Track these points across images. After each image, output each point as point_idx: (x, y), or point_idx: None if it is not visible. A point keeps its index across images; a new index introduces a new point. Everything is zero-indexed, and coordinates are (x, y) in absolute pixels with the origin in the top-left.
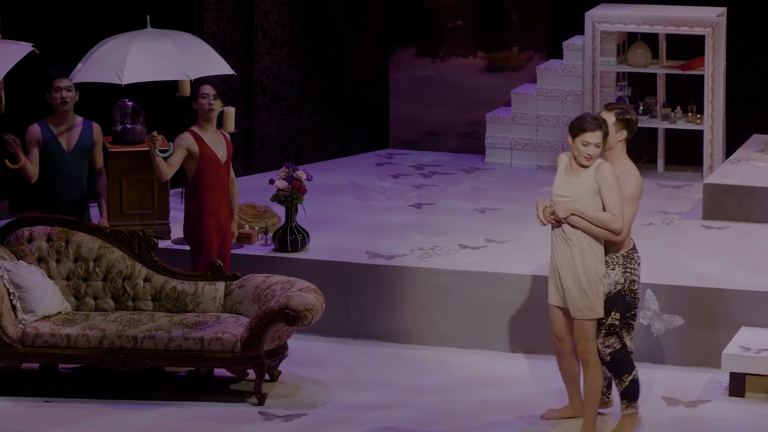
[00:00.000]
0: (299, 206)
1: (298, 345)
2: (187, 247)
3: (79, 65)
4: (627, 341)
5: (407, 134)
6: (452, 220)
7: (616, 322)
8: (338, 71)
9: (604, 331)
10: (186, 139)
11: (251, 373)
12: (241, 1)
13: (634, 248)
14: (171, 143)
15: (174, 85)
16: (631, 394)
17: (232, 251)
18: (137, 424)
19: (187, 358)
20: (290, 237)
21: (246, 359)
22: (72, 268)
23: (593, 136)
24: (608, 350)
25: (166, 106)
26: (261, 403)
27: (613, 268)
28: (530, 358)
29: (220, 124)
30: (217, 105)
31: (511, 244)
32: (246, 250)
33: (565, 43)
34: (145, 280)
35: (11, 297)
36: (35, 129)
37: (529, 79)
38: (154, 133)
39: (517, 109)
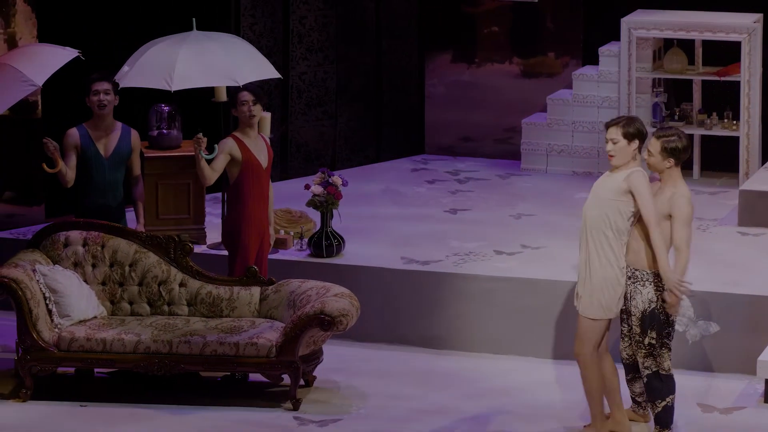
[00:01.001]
0: (334, 211)
1: (333, 350)
2: (222, 252)
3: (125, 68)
4: (665, 363)
5: (443, 140)
6: (487, 226)
7: (653, 342)
8: (374, 77)
9: (643, 351)
10: (229, 144)
11: (286, 378)
12: (278, 6)
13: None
14: (216, 145)
15: (210, 90)
16: (662, 421)
17: (269, 256)
18: (172, 429)
19: (222, 363)
20: (325, 242)
21: (281, 364)
22: (108, 272)
23: (611, 132)
24: (645, 371)
25: (202, 111)
26: (296, 408)
27: (644, 285)
28: (565, 364)
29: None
30: (258, 110)
31: (546, 251)
32: (281, 255)
33: (601, 49)
34: (181, 284)
35: (47, 301)
36: (73, 133)
37: (565, 85)
38: (200, 134)
39: (553, 115)
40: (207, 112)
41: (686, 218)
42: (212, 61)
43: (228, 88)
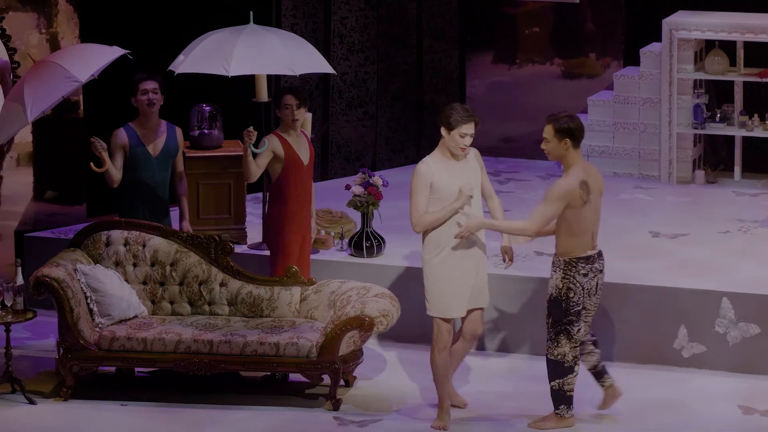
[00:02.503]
0: (375, 212)
1: (374, 350)
2: (263, 252)
3: (181, 57)
4: (558, 350)
5: (483, 140)
6: None
7: (548, 326)
8: (415, 77)
9: (546, 333)
10: (272, 142)
11: (326, 379)
12: (319, 7)
13: (585, 258)
14: (265, 140)
15: (251, 90)
16: (552, 399)
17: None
18: (213, 428)
19: (262, 363)
20: (366, 243)
21: (321, 364)
22: (149, 272)
23: (469, 128)
24: (546, 351)
25: (244, 111)
26: (336, 408)
27: (555, 271)
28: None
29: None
30: (301, 113)
31: None
32: (322, 255)
33: (643, 50)
34: (221, 284)
35: (88, 301)
36: (121, 134)
37: (606, 86)
38: (250, 128)
39: (594, 116)
40: (248, 112)
41: (550, 195)
42: (270, 50)
43: (272, 89)
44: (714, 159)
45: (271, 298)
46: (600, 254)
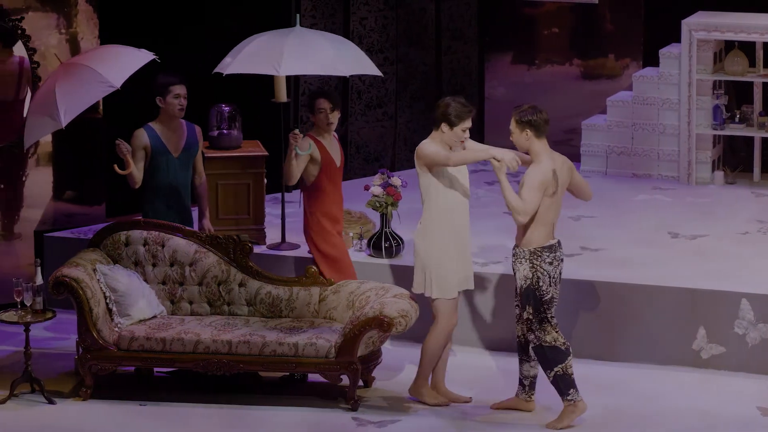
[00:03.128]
0: (394, 212)
1: (392, 351)
2: (281, 252)
3: (228, 59)
4: (548, 336)
5: (503, 141)
6: None
7: (530, 317)
8: (434, 78)
9: (525, 326)
10: (292, 132)
11: (345, 379)
12: (338, 7)
13: (549, 248)
14: (312, 143)
15: (270, 90)
16: (557, 388)
17: (288, 253)
18: (232, 428)
19: (281, 363)
20: (384, 243)
21: (340, 365)
22: (168, 272)
23: (469, 122)
24: (531, 345)
25: (263, 111)
26: (354, 408)
27: (522, 263)
28: (621, 366)
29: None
30: (335, 117)
31: (605, 253)
32: None
33: (662, 51)
34: (240, 285)
35: (107, 301)
36: (142, 134)
37: (625, 87)
38: (296, 130)
39: (613, 116)
40: (267, 113)
41: (531, 183)
42: (319, 50)
43: (290, 90)
44: (733, 160)
45: (290, 299)
46: (559, 243)
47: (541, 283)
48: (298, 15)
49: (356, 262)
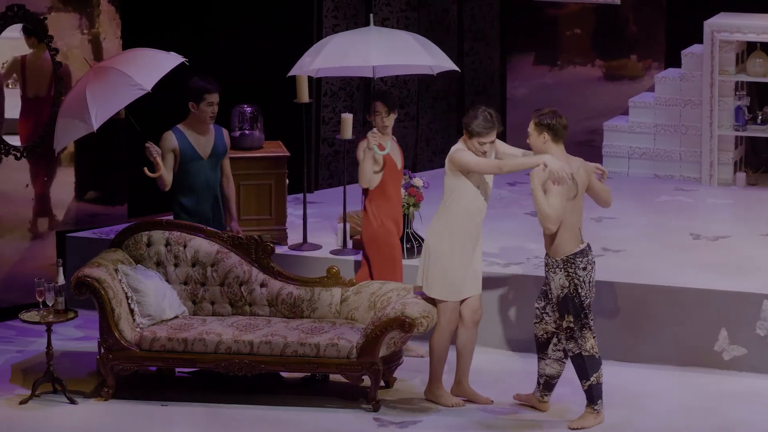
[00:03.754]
0: (416, 213)
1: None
2: (303, 253)
3: (306, 59)
4: (587, 344)
5: (524, 142)
6: None
7: (572, 325)
8: (456, 79)
9: (564, 335)
10: (370, 132)
11: (366, 380)
12: (360, 7)
13: (580, 253)
14: (390, 142)
15: (292, 91)
16: (589, 397)
17: (348, 257)
18: (253, 429)
19: (302, 363)
20: (406, 244)
21: (361, 365)
22: (190, 272)
23: (490, 137)
24: (570, 353)
25: (285, 112)
26: (376, 409)
27: (556, 272)
28: (643, 367)
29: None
30: (390, 120)
31: (627, 254)
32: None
33: (684, 52)
34: (262, 285)
35: (129, 301)
36: (171, 137)
37: (647, 88)
38: (374, 130)
39: (635, 117)
40: (289, 114)
41: (551, 189)
42: (405, 46)
43: (312, 90)
44: (755, 161)
45: (311, 299)
46: (589, 246)
47: (579, 290)
48: (371, 15)
49: None
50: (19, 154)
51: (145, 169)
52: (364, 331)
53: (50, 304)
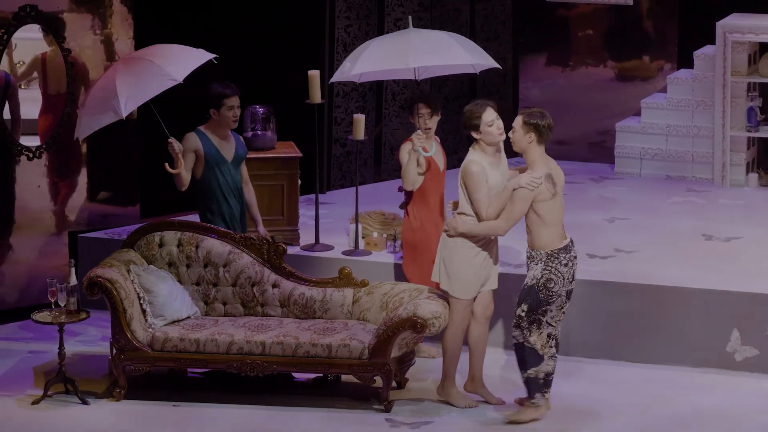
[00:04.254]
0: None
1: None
2: (315, 253)
3: (347, 64)
4: (531, 338)
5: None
6: (580, 230)
7: (522, 315)
8: (468, 79)
9: (514, 321)
10: (407, 149)
11: (378, 380)
12: (372, 9)
13: (564, 248)
14: (434, 143)
15: (304, 91)
16: (528, 388)
17: (360, 258)
18: (265, 428)
19: (314, 364)
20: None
21: (373, 366)
22: (202, 273)
23: (490, 113)
24: (513, 340)
25: (297, 112)
26: (388, 410)
27: (536, 264)
28: (655, 368)
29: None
30: (433, 122)
31: (638, 255)
32: (374, 257)
33: (696, 53)
34: (274, 286)
35: (141, 301)
36: (194, 138)
37: (660, 89)
38: (418, 132)
39: (647, 118)
40: (302, 114)
41: (518, 194)
42: (446, 45)
43: (324, 91)
44: (766, 162)
45: (323, 300)
46: (572, 242)
47: (551, 285)
48: (410, 17)
49: (389, 263)
50: (31, 155)
51: (166, 164)
52: (376, 331)
53: (62, 305)
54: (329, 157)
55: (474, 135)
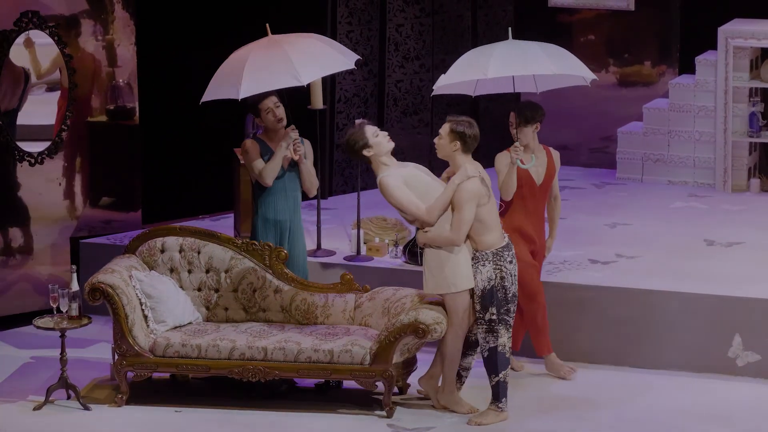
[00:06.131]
0: None
1: (428, 358)
2: (316, 259)
3: (442, 77)
4: (501, 340)
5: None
6: (582, 235)
7: (494, 317)
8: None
9: (484, 327)
10: (505, 159)
11: (380, 386)
12: (374, 14)
13: (506, 246)
14: (533, 156)
15: (306, 97)
16: (495, 394)
17: (362, 264)
18: None
19: (316, 369)
20: (420, 250)
21: (375, 372)
22: (203, 278)
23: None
24: (486, 346)
25: (299, 118)
26: (389, 415)
27: (484, 265)
28: (657, 374)
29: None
30: (524, 133)
31: (641, 260)
32: (376, 262)
33: (698, 59)
34: (276, 291)
35: (143, 307)
36: (255, 143)
37: (662, 94)
38: (517, 143)
39: (649, 124)
40: (303, 120)
41: (461, 200)
42: (531, 55)
43: (326, 97)
44: None
45: (325, 305)
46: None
47: (505, 282)
48: (510, 28)
49: (391, 268)
50: (33, 161)
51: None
52: (377, 337)
53: (64, 310)
54: (331, 163)
55: (367, 153)
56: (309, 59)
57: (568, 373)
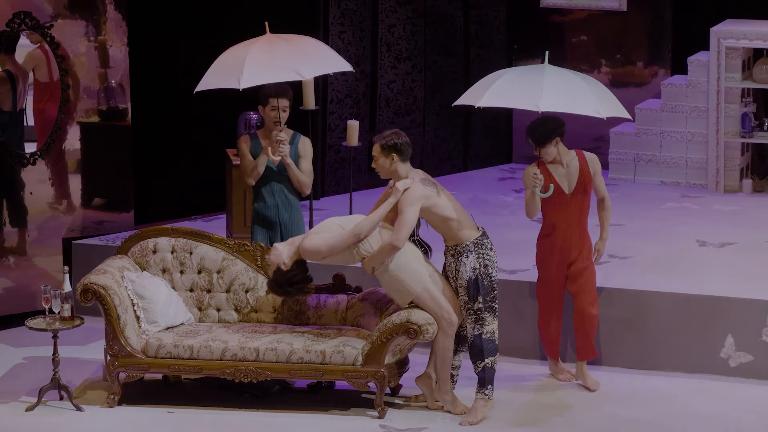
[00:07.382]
0: (421, 220)
1: (420, 359)
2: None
3: (477, 89)
4: (488, 327)
5: (531, 149)
6: None
7: (481, 305)
8: (462, 85)
9: (473, 317)
10: (533, 173)
11: (372, 386)
12: (366, 15)
13: (484, 234)
14: (551, 185)
15: (298, 98)
16: (481, 380)
17: (355, 264)
18: None
19: (308, 370)
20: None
21: (367, 372)
22: (195, 279)
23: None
24: (473, 333)
25: (291, 118)
26: (381, 416)
27: (468, 257)
28: (649, 374)
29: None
30: (544, 153)
31: (633, 260)
32: None
33: (690, 59)
34: (268, 292)
35: (135, 308)
36: (247, 138)
37: (654, 95)
38: (537, 171)
39: (641, 124)
40: (296, 121)
41: (405, 203)
42: (579, 92)
43: (319, 98)
44: (762, 168)
45: (317, 306)
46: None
47: (489, 270)
48: (546, 52)
49: None
50: (25, 161)
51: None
52: (369, 338)
53: (56, 311)
54: (323, 164)
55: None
56: (310, 56)
57: (594, 385)
